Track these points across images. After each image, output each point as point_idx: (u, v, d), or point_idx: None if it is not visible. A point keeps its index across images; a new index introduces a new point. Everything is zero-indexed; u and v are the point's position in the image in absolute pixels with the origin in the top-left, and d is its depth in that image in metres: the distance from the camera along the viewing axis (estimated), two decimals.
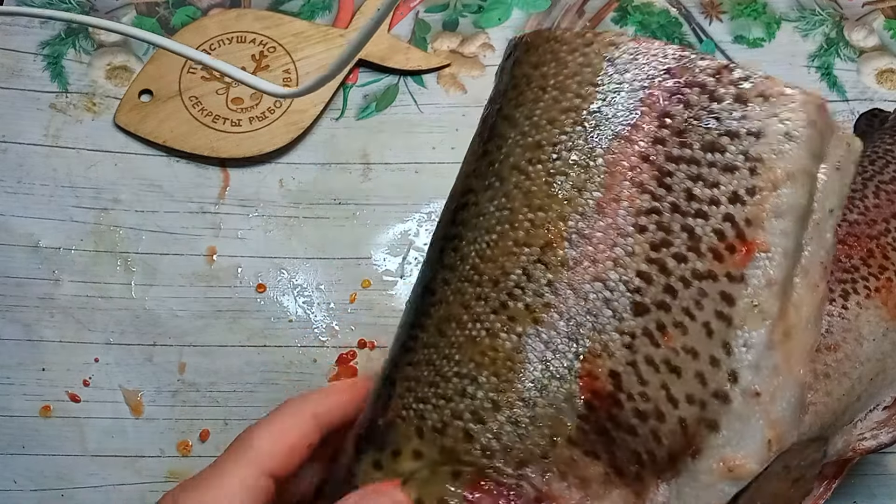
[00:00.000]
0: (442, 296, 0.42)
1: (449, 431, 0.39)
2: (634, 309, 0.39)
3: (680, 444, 0.38)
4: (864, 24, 0.90)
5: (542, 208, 0.41)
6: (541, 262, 0.40)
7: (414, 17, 0.91)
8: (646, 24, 0.89)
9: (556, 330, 0.39)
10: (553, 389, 0.38)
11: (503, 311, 0.40)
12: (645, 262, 0.39)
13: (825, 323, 0.61)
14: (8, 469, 0.72)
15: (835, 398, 0.61)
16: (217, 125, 0.83)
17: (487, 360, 0.39)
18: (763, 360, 0.39)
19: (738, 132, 0.40)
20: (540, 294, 0.39)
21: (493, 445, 0.38)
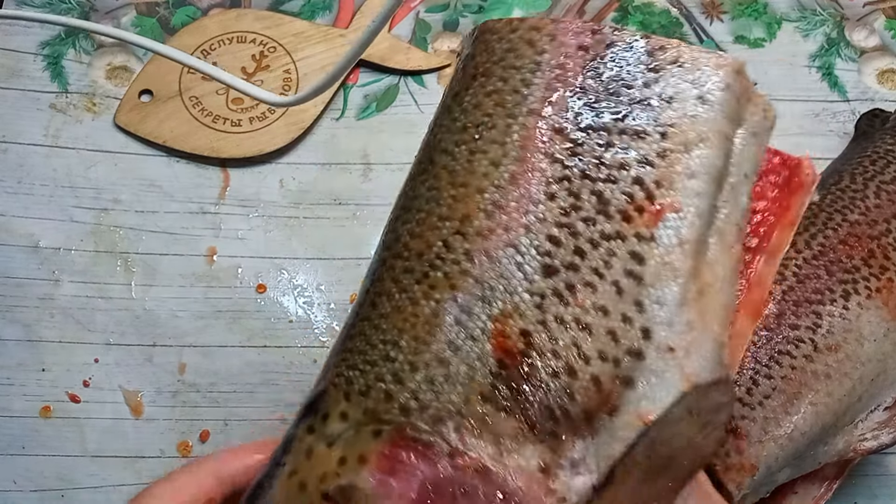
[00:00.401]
0: (378, 275, 0.44)
1: (372, 393, 0.40)
2: (544, 271, 0.40)
3: (595, 402, 0.39)
4: (865, 24, 0.90)
5: (463, 184, 0.43)
6: (459, 233, 0.42)
7: (414, 17, 0.91)
8: (646, 24, 0.89)
9: (471, 294, 0.40)
10: (467, 349, 0.39)
11: (425, 280, 0.42)
12: (555, 227, 0.41)
13: (826, 323, 0.61)
14: (8, 469, 0.71)
15: (835, 399, 0.61)
16: (217, 125, 0.83)
17: (408, 326, 0.41)
18: (676, 317, 0.40)
19: (650, 100, 0.42)
20: (457, 262, 0.41)
21: (411, 404, 0.39)
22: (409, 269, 0.43)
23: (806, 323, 0.61)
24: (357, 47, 0.65)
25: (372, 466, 0.38)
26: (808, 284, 0.63)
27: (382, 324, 0.42)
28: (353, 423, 0.40)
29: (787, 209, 0.48)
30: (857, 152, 0.74)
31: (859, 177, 0.70)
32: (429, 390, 0.39)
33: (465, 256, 0.41)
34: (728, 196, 0.43)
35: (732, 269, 0.43)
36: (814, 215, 0.67)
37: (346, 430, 0.40)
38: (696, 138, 0.42)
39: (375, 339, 0.42)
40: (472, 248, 0.41)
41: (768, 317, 0.61)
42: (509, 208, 0.42)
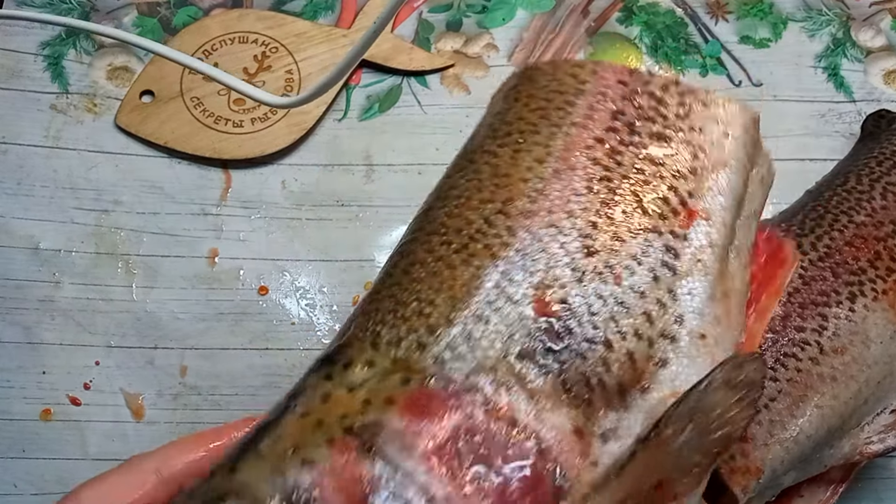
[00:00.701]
0: (409, 250, 0.47)
1: (403, 344, 0.41)
2: (585, 251, 0.43)
3: (629, 377, 0.41)
4: (871, 24, 0.89)
5: (506, 175, 0.47)
6: (501, 212, 0.45)
7: (417, 18, 0.90)
8: (651, 24, 0.89)
9: (513, 263, 0.43)
10: (507, 310, 0.41)
11: (464, 249, 0.44)
12: (595, 215, 0.45)
13: (832, 326, 0.61)
14: (8, 473, 0.71)
15: (841, 401, 0.60)
16: (219, 126, 0.83)
17: (445, 287, 0.43)
18: (707, 309, 0.44)
19: (682, 128, 0.48)
20: (499, 236, 0.44)
21: (446, 355, 0.40)
22: (446, 241, 0.45)
23: (812, 325, 0.61)
24: (359, 47, 0.64)
25: (400, 407, 0.38)
26: (813, 286, 0.62)
27: (416, 286, 0.44)
28: (380, 370, 0.40)
29: (774, 278, 0.52)
30: (863, 153, 0.74)
31: (865, 178, 0.69)
32: (465, 344, 0.40)
33: (507, 231, 0.44)
34: (744, 221, 0.48)
35: (746, 286, 0.48)
36: (820, 217, 0.66)
37: (371, 376, 0.40)
38: (721, 163, 0.48)
39: (408, 298, 0.43)
40: (514, 225, 0.44)
41: (774, 319, 0.61)
42: (552, 196, 0.45)
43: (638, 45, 0.88)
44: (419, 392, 0.39)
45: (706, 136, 0.48)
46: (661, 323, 0.43)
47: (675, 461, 0.40)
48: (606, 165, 0.47)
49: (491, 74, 0.87)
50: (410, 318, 0.42)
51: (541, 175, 0.47)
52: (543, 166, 0.47)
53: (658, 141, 0.48)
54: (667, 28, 0.89)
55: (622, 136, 0.48)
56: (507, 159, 0.48)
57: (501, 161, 0.48)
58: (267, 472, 0.37)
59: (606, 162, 0.47)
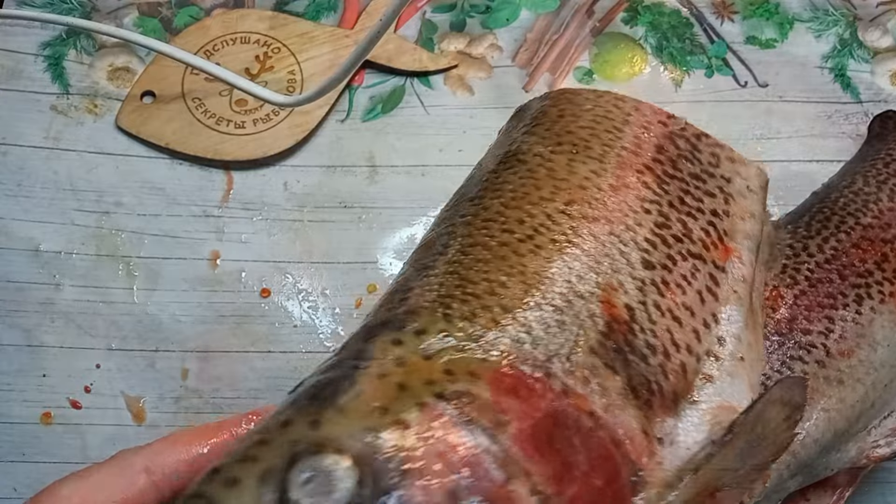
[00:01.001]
0: (465, 233, 0.48)
1: (478, 321, 0.41)
2: (644, 263, 0.47)
3: (682, 386, 0.44)
4: (878, 24, 0.89)
5: (563, 179, 0.50)
6: (564, 213, 0.48)
7: (421, 18, 0.90)
8: (656, 24, 0.88)
9: (579, 261, 0.45)
10: (578, 305, 0.43)
11: (530, 240, 0.46)
12: (650, 234, 0.48)
13: (838, 328, 0.61)
14: (8, 477, 0.71)
15: (848, 405, 0.60)
16: (220, 127, 0.82)
17: (516, 272, 0.44)
18: (742, 335, 0.48)
19: (714, 174, 0.54)
20: (564, 233, 0.46)
21: (523, 337, 0.41)
22: (508, 230, 0.47)
23: (818, 328, 0.60)
24: (363, 47, 0.64)
25: (487, 382, 0.38)
26: (820, 289, 0.62)
27: (482, 265, 0.45)
28: (458, 342, 0.40)
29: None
30: (870, 155, 0.73)
31: (872, 179, 0.69)
32: (541, 329, 0.42)
33: (572, 231, 0.47)
34: (759, 267, 0.54)
35: (763, 320, 0.54)
36: (826, 219, 0.66)
37: (448, 347, 0.40)
38: (747, 211, 0.53)
39: (476, 277, 0.44)
40: (577, 227, 0.47)
41: (780, 322, 0.60)
42: (611, 207, 0.49)
43: (643, 46, 0.88)
44: (502, 370, 0.39)
45: (733, 185, 0.54)
46: (706, 341, 0.47)
47: (733, 469, 0.41)
48: (656, 191, 0.51)
49: (494, 75, 0.86)
50: (482, 296, 0.43)
51: (598, 186, 0.50)
52: (600, 179, 0.50)
53: (696, 180, 0.53)
54: (672, 28, 0.88)
55: (666, 168, 0.52)
56: (563, 165, 0.51)
57: (557, 166, 0.51)
58: (356, 429, 0.36)
59: (656, 188, 0.51)
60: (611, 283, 0.45)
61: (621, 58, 0.87)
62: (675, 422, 0.43)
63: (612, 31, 0.89)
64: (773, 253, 0.60)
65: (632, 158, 0.52)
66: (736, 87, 0.86)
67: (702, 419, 0.44)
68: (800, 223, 0.67)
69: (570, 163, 0.51)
